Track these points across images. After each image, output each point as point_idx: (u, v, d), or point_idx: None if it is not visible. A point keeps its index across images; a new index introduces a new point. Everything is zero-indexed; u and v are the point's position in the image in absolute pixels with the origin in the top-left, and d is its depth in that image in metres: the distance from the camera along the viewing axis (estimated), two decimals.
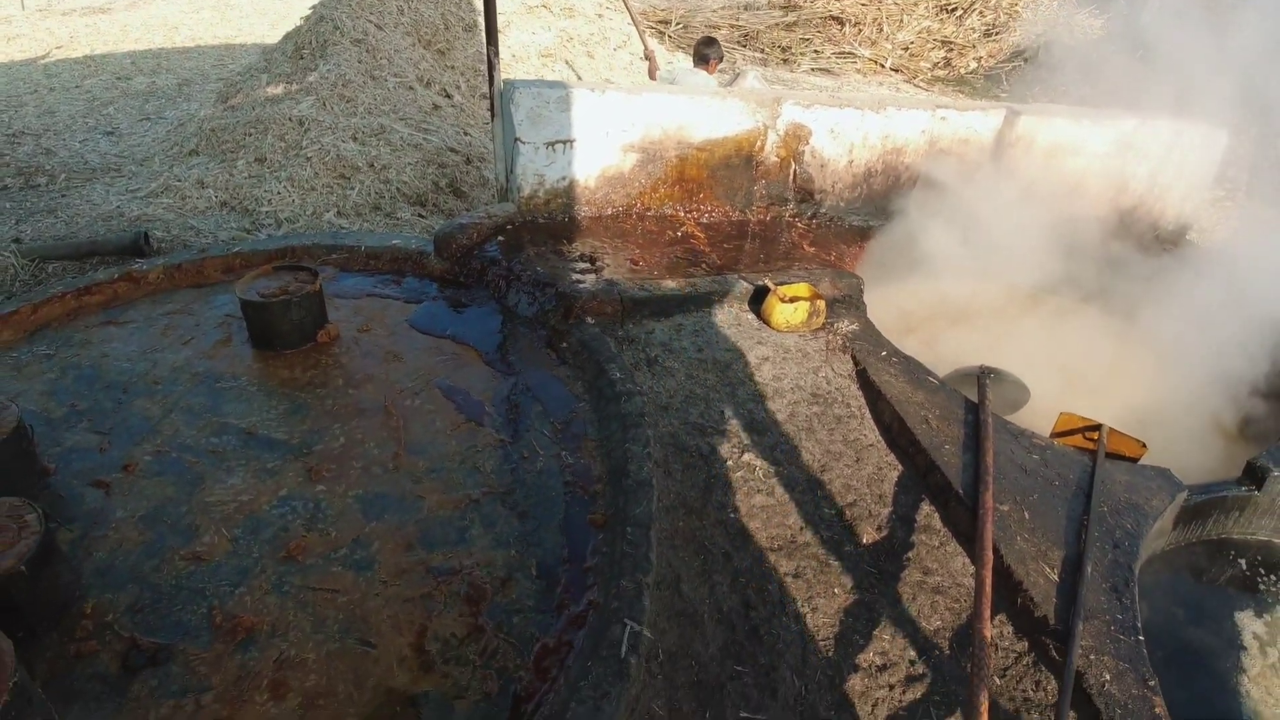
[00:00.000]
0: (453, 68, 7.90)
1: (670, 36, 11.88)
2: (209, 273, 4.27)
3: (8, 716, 1.98)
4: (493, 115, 4.57)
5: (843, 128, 5.11)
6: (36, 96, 10.34)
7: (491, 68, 4.50)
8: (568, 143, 4.46)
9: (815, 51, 12.92)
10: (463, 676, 2.33)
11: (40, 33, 14.46)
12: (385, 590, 2.56)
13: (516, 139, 4.37)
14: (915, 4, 13.51)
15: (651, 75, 7.73)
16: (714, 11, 13.88)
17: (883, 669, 2.63)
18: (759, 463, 3.28)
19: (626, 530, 2.65)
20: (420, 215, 5.85)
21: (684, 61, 10.13)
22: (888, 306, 4.91)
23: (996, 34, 13.07)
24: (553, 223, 4.55)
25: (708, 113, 4.72)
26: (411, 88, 7.04)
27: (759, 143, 4.98)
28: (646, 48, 8.04)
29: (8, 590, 2.33)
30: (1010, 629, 2.74)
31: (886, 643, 2.70)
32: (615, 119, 4.53)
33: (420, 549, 2.69)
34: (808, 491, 3.19)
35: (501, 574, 2.62)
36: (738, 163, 4.98)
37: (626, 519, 2.70)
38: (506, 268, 4.04)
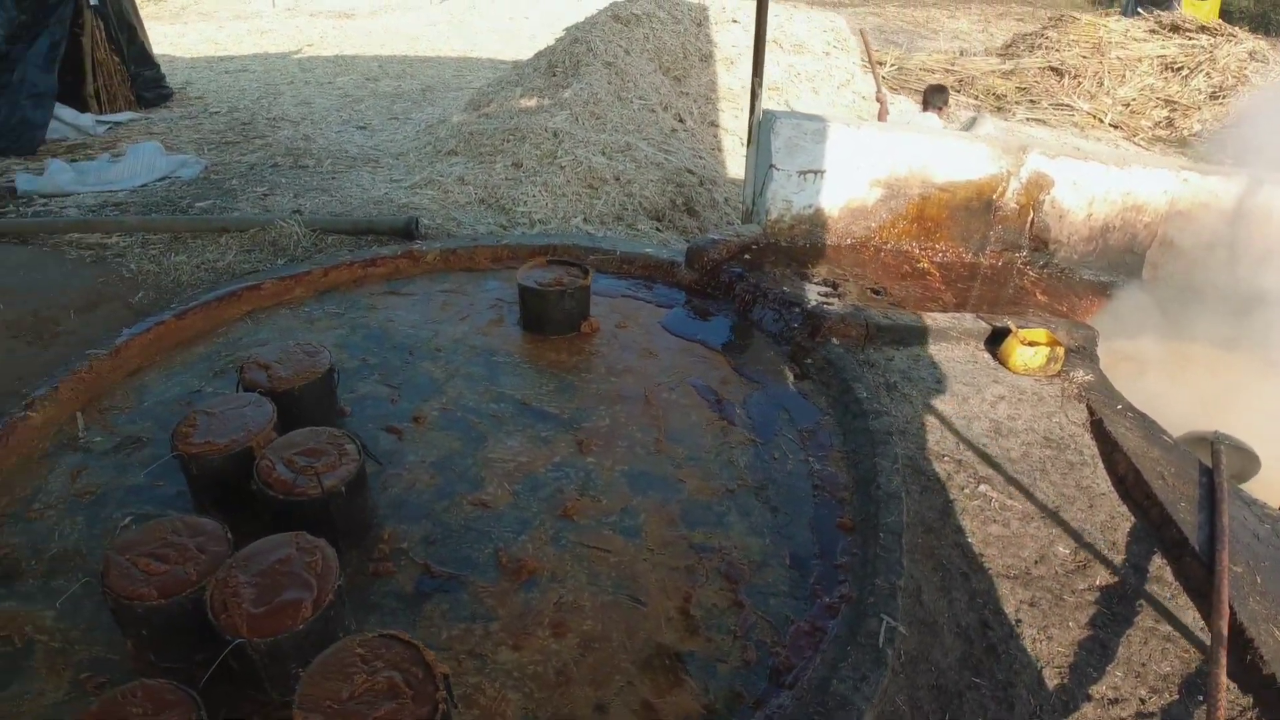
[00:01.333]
0: (687, 94, 8.28)
1: (885, 78, 11.95)
2: (480, 260, 4.70)
3: (329, 615, 2.33)
4: (749, 141, 4.83)
5: (1085, 181, 5.10)
6: (293, 88, 11.42)
7: (754, 97, 4.77)
8: (818, 173, 4.67)
9: (1031, 101, 12.69)
10: (724, 643, 2.53)
11: (290, 30, 15.94)
12: (652, 557, 2.81)
13: (771, 165, 4.61)
14: (1139, 61, 13.07)
15: (881, 117, 7.86)
16: (929, 55, 13.86)
17: (1114, 702, 2.67)
18: (994, 495, 3.35)
19: (879, 535, 2.80)
20: (658, 229, 6.19)
21: (903, 104, 10.19)
22: (1120, 361, 4.85)
23: (1223, 97, 12.46)
24: (795, 247, 4.75)
25: (953, 155, 4.83)
26: (653, 110, 7.44)
27: (1000, 188, 5.03)
28: (879, 90, 8.18)
29: (326, 507, 2.71)
30: (1238, 684, 2.74)
31: (1119, 679, 2.73)
32: (865, 154, 4.70)
33: (683, 526, 2.93)
34: (1041, 529, 3.25)
35: (757, 559, 2.82)
36: (977, 206, 5.04)
37: (878, 525, 2.84)
38: (754, 284, 4.27)
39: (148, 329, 4.03)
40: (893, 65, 12.45)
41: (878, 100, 8.05)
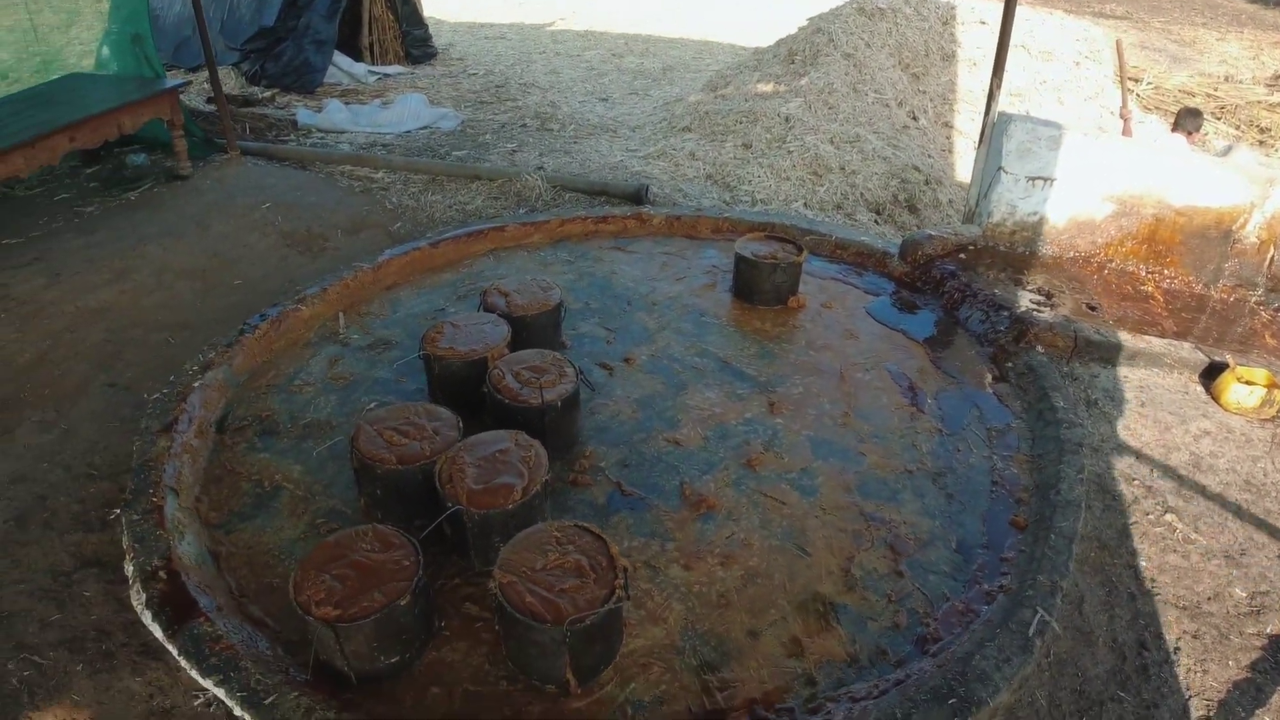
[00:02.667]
0: (924, 92, 8.23)
1: (1139, 96, 11.27)
2: (701, 229, 4.99)
3: (533, 502, 2.67)
4: (980, 141, 4.85)
5: None
6: (544, 57, 12.11)
7: (991, 98, 4.77)
8: (1048, 180, 4.63)
9: None
10: (878, 605, 2.70)
11: (545, 2, 16.79)
12: (823, 516, 3.00)
13: (1000, 168, 4.62)
14: None
15: (1124, 134, 7.54)
16: (1190, 77, 12.92)
17: None
18: (1179, 526, 3.31)
19: (1050, 537, 2.86)
20: (875, 222, 6.28)
21: (1153, 124, 9.64)
22: None
23: None
24: (1012, 253, 4.74)
25: (1194, 179, 4.65)
26: (887, 105, 7.48)
27: (1241, 219, 4.80)
28: (1125, 105, 7.83)
29: (542, 417, 3.07)
30: None
31: None
32: (1100, 166, 4.62)
33: (857, 494, 3.10)
34: (1221, 568, 3.18)
35: (924, 537, 2.95)
36: (1214, 235, 4.83)
37: (1051, 528, 2.91)
38: (965, 284, 4.32)
39: (405, 252, 4.58)
40: (1149, 84, 11.71)
41: (1122, 116, 7.71)
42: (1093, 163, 4.61)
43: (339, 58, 9.99)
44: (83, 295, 4.87)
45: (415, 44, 11.23)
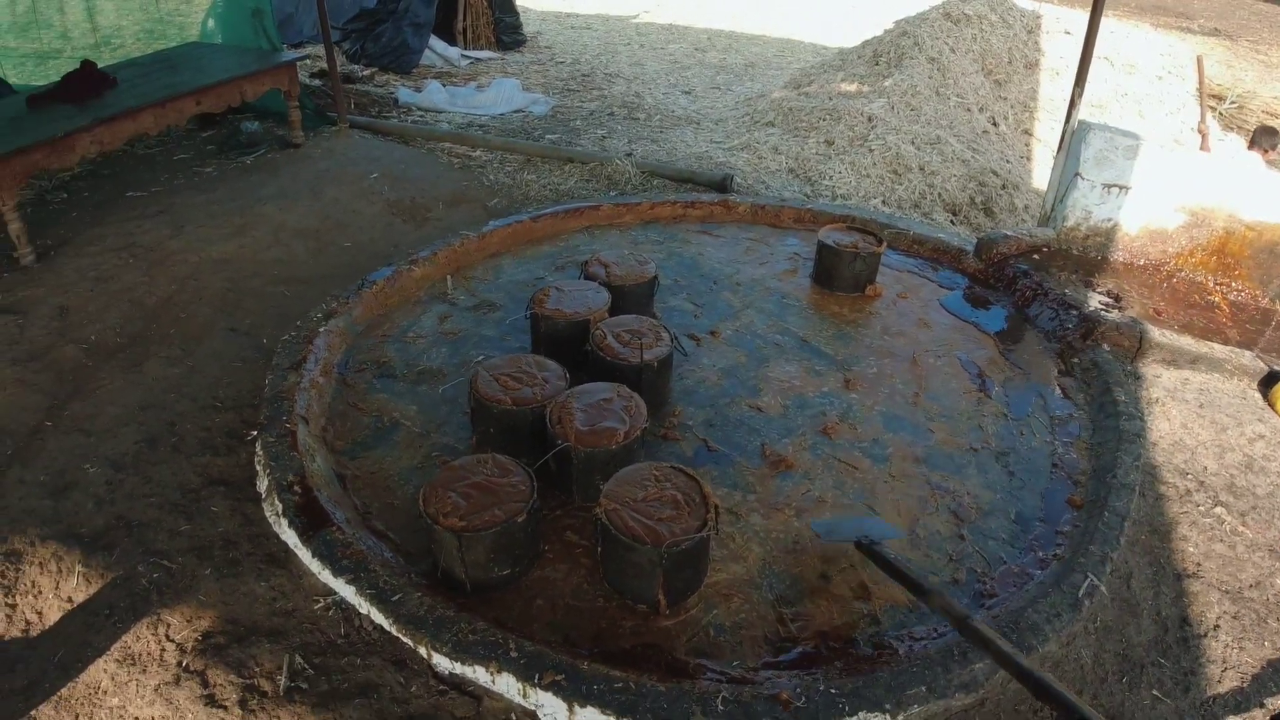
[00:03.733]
0: (1005, 99, 8.36)
1: (1221, 113, 11.20)
2: (784, 219, 5.26)
3: (633, 446, 2.98)
4: (1060, 147, 5.03)
5: None
6: (629, 49, 12.37)
7: (1073, 105, 4.96)
8: (1123, 188, 4.80)
9: None
10: (939, 561, 2.96)
11: None
12: (892, 482, 3.27)
13: (1077, 174, 4.80)
14: None
15: (1202, 149, 7.63)
16: (1275, 98, 12.74)
17: None
18: (1228, 519, 3.50)
19: (1104, 514, 3.09)
20: (952, 222, 6.48)
21: (1232, 141, 9.63)
22: None
23: None
24: (1084, 257, 4.92)
25: (1265, 194, 4.77)
26: (969, 110, 7.65)
27: None
28: (1203, 121, 7.89)
29: (640, 374, 3.37)
30: None
31: None
32: (1175, 178, 4.77)
33: (925, 466, 3.36)
34: (1265, 560, 3.36)
35: (985, 507, 3.20)
36: None
37: (1105, 506, 3.13)
38: (1037, 283, 4.53)
39: (508, 224, 4.92)
40: (1232, 102, 11.63)
41: (1199, 132, 7.78)
42: (1167, 173, 4.77)
43: (434, 41, 10.40)
44: (205, 247, 5.28)
45: (506, 31, 11.61)
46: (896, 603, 2.78)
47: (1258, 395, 4.20)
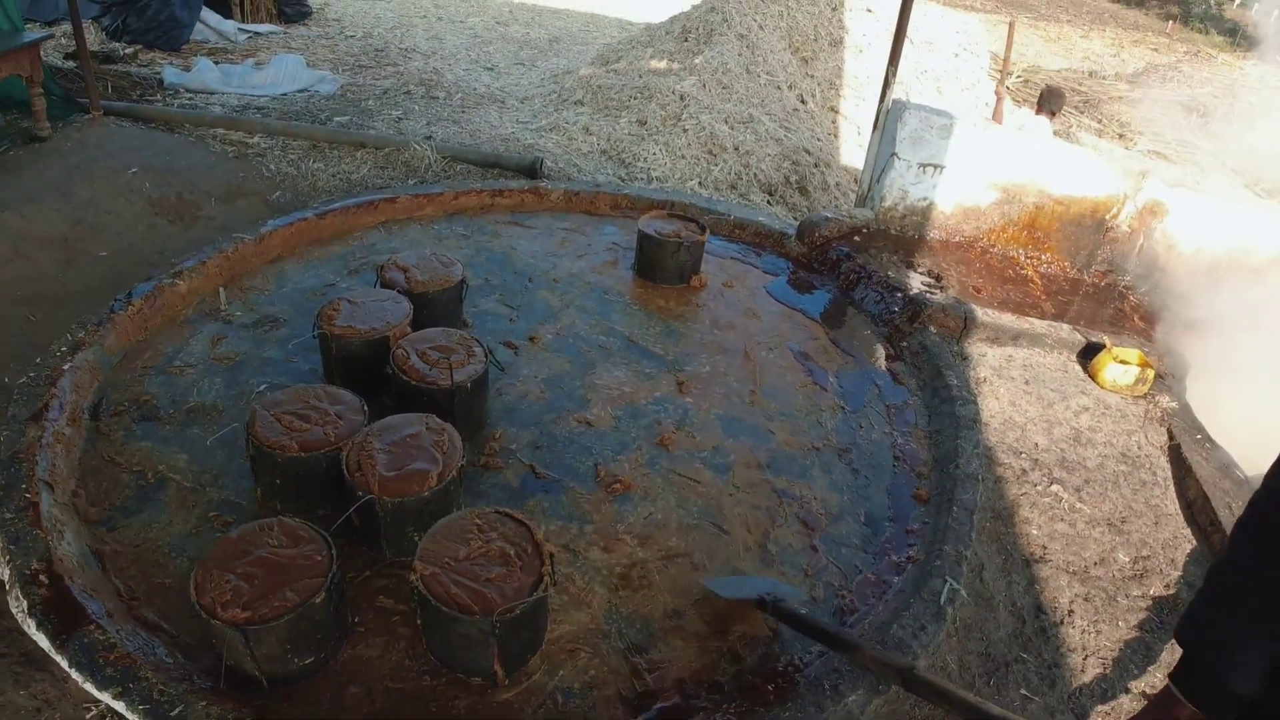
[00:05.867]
0: (812, 76, 8.37)
1: (1009, 88, 11.80)
2: (600, 205, 4.94)
3: (449, 489, 2.59)
4: (875, 127, 4.96)
5: (1201, 215, 5.09)
6: (425, 23, 11.76)
7: (887, 85, 4.89)
8: (938, 167, 4.77)
9: (1156, 134, 12.41)
10: (795, 579, 2.74)
11: None
12: (738, 494, 3.02)
13: (893, 154, 4.73)
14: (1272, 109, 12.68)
15: (995, 117, 7.90)
16: (1057, 72, 13.60)
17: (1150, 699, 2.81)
18: (1065, 495, 3.49)
19: (952, 509, 2.96)
20: (768, 202, 6.36)
21: (1023, 115, 10.12)
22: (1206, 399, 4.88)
23: None
24: (903, 237, 4.88)
25: (1074, 170, 4.88)
26: (779, 87, 7.58)
27: (1115, 209, 5.06)
28: (999, 86, 8.18)
29: (451, 399, 2.97)
30: None
31: (1158, 680, 2.87)
32: (988, 156, 4.79)
33: (769, 471, 3.14)
34: (1105, 535, 3.38)
35: (834, 512, 3.01)
36: (1089, 223, 5.09)
37: (953, 500, 3.01)
38: (860, 265, 4.42)
39: (290, 223, 4.35)
40: (1018, 77, 12.28)
41: (996, 94, 8.05)
42: (980, 152, 4.78)
43: (207, 14, 9.42)
44: None
45: (289, 2, 10.71)
46: (756, 633, 2.54)
47: (1078, 368, 4.26)
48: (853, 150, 7.84)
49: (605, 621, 2.50)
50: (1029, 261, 5.06)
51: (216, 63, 8.22)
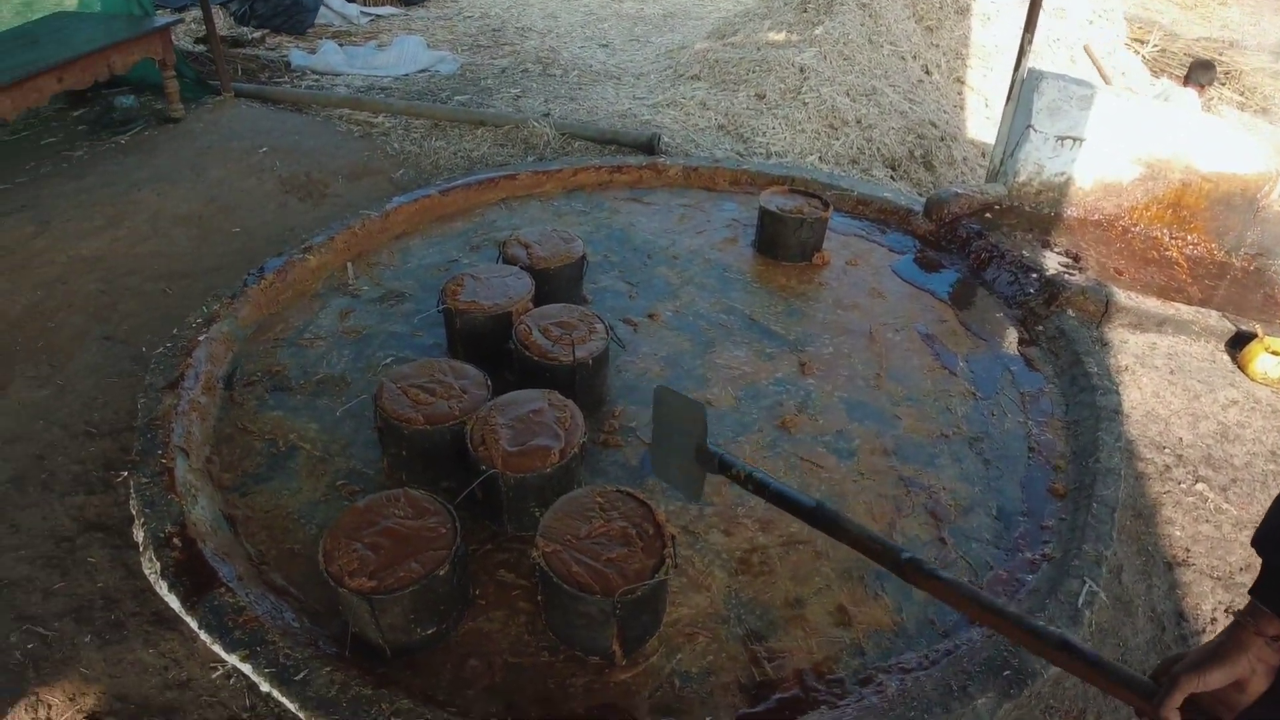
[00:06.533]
0: (937, 46, 8.05)
1: (1145, 57, 11.11)
2: (719, 181, 4.86)
3: (571, 465, 2.57)
4: (1008, 98, 4.72)
5: None
6: (540, 1, 11.76)
7: (1022, 53, 4.64)
8: (1077, 140, 4.52)
9: None
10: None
11: None
12: (862, 480, 2.93)
13: (1029, 126, 4.50)
14: None
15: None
16: (1195, 41, 12.76)
17: None
18: (1210, 495, 3.27)
19: (1092, 505, 2.80)
20: (892, 178, 6.15)
21: (1163, 85, 9.54)
22: None
23: None
24: (1037, 214, 4.64)
25: (1222, 145, 4.55)
26: (903, 58, 7.31)
27: (1267, 188, 4.71)
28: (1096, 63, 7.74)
29: (573, 375, 2.96)
30: None
31: None
32: (1131, 128, 4.51)
33: (895, 458, 3.03)
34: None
35: (964, 504, 2.89)
36: (1239, 203, 4.74)
37: (1092, 496, 2.84)
38: (992, 244, 4.23)
39: (414, 200, 4.42)
40: (1155, 45, 11.54)
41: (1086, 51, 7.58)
42: (1123, 124, 4.50)
43: None
44: (74, 243, 4.68)
45: None
46: (880, 626, 2.46)
47: (1226, 358, 3.98)
48: (980, 123, 7.51)
49: (724, 606, 2.46)
50: (1173, 242, 4.76)
51: (340, 45, 8.41)
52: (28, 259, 4.51)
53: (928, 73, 7.66)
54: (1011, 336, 3.83)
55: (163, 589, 2.41)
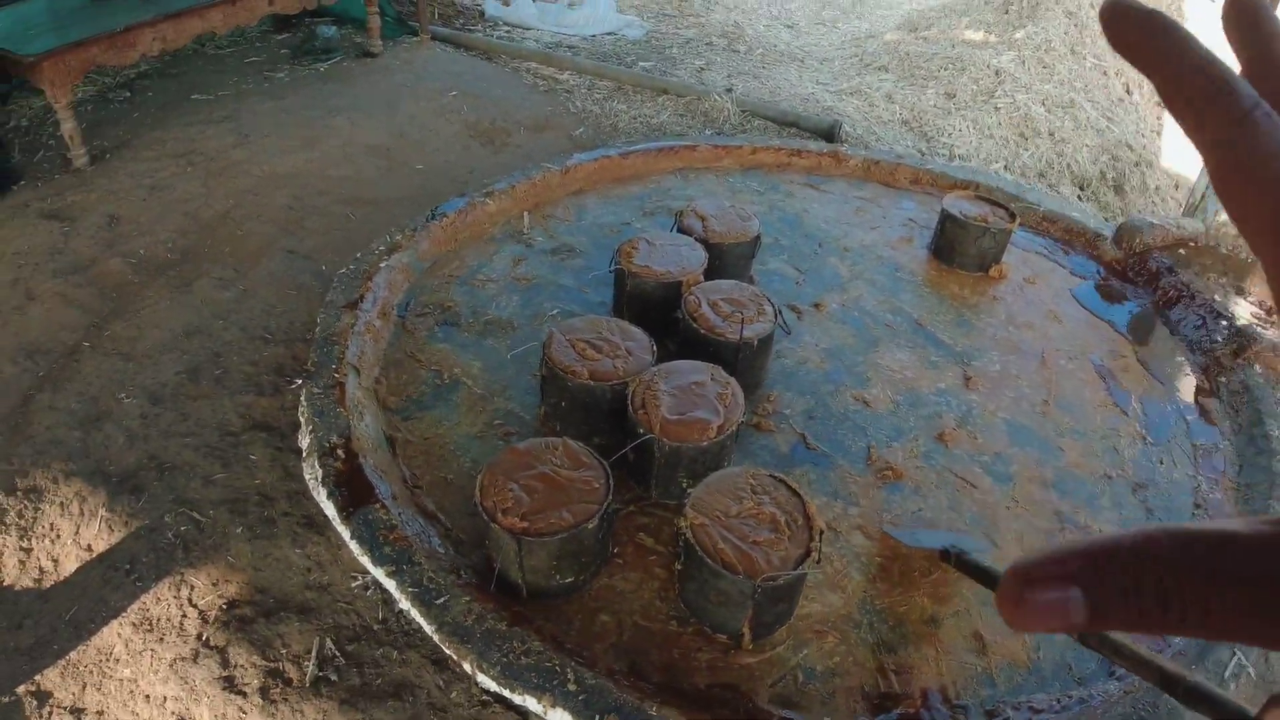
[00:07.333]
0: None
1: None
2: (899, 178, 4.73)
3: (725, 442, 2.58)
4: None
5: None
6: None
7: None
8: None
9: None
10: None
11: None
12: (1015, 508, 2.84)
13: None
14: None
15: None
16: None
17: None
18: None
19: None
20: (1079, 197, 5.88)
21: None
22: None
23: None
24: (1235, 257, 4.35)
25: None
26: (1105, 73, 6.93)
27: None
28: None
29: (736, 353, 2.96)
30: None
31: None
32: None
33: (1054, 492, 2.91)
34: None
35: None
36: None
37: None
38: (1184, 283, 3.99)
39: (595, 159, 4.47)
40: None
41: None
42: None
43: None
44: (270, 159, 4.96)
45: None
46: (1015, 661, 2.38)
47: None
48: (1179, 152, 7.07)
49: (858, 611, 2.43)
50: None
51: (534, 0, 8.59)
52: (226, 167, 4.81)
53: (1129, 92, 7.24)
54: (1191, 384, 3.61)
55: (320, 495, 2.55)
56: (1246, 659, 2.43)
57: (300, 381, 3.07)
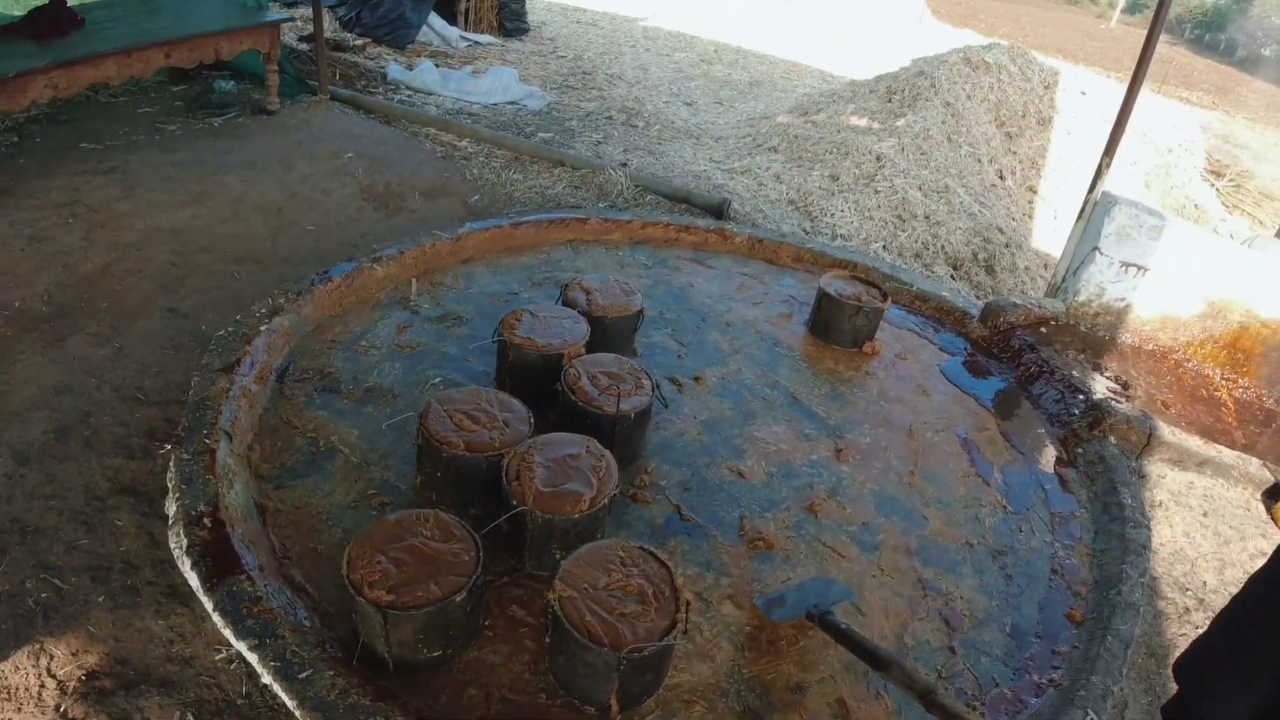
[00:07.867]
0: (1014, 153, 8.12)
1: (1219, 190, 11.02)
2: (782, 256, 4.93)
3: (598, 515, 2.62)
4: (1079, 217, 4.76)
5: None
6: (634, 52, 12.03)
7: (1099, 175, 4.70)
8: (1141, 269, 4.54)
9: None
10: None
11: None
12: (881, 576, 2.94)
13: (1095, 248, 4.53)
14: None
15: None
16: (1275, 180, 12.65)
17: None
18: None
19: (1107, 637, 2.79)
20: (952, 277, 6.19)
21: (1235, 224, 9.47)
22: None
23: None
24: (1093, 336, 4.65)
25: None
26: (979, 160, 7.38)
27: None
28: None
29: (614, 426, 3.02)
30: None
31: None
32: (1198, 264, 4.52)
33: (917, 559, 3.04)
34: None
35: (979, 616, 2.88)
36: None
37: (1109, 628, 2.83)
38: (1044, 359, 4.25)
39: (486, 228, 4.54)
40: (1230, 181, 11.47)
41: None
42: (1191, 259, 4.51)
43: (434, 18, 9.99)
44: (156, 213, 4.87)
45: (510, 17, 11.22)
46: None
47: (1261, 507, 3.94)
48: (1047, 234, 7.54)
49: (726, 680, 2.48)
50: (1224, 383, 4.73)
51: (437, 65, 8.68)
52: (109, 220, 4.70)
53: (1001, 178, 7.72)
54: (1050, 455, 3.83)
55: (185, 565, 2.48)
56: (1099, 717, 2.56)
57: (170, 446, 2.99)
